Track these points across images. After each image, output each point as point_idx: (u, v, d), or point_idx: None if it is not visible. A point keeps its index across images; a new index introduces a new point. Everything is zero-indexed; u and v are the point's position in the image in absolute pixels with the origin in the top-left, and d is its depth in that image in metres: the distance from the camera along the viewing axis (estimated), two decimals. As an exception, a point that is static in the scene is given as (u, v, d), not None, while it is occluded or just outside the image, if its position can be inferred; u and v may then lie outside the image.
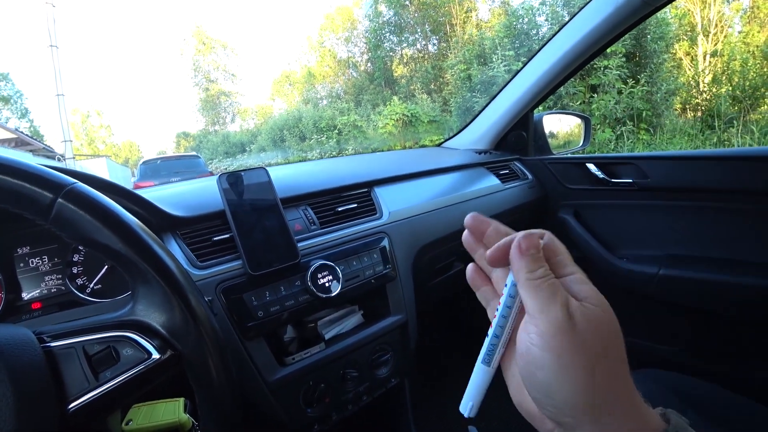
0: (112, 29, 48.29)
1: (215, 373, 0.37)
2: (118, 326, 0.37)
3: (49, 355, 0.34)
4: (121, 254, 0.36)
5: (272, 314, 0.68)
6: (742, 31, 9.31)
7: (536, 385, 0.25)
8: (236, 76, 30.06)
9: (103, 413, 0.36)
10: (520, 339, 0.27)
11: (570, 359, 0.24)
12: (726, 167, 1.02)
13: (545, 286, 0.26)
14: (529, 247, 0.28)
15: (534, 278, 0.27)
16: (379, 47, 18.70)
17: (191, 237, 0.70)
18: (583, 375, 0.24)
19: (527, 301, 0.26)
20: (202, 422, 0.39)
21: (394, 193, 0.97)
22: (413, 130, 11.20)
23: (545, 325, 0.25)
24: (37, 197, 0.34)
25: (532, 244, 0.28)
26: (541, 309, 0.25)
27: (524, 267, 0.27)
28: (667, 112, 7.51)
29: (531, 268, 0.27)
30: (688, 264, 1.08)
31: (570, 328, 0.24)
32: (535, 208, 1.33)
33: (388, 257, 0.84)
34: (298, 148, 14.18)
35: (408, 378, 0.96)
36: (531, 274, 0.27)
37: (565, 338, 0.24)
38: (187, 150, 27.39)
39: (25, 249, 0.64)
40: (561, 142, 1.58)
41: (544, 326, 0.25)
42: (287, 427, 0.73)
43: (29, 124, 22.08)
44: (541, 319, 0.25)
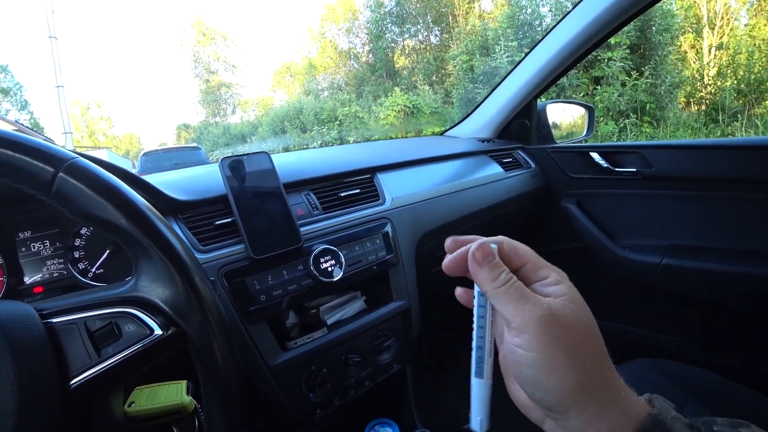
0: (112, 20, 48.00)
1: (218, 350, 0.37)
2: (120, 302, 0.36)
3: (51, 331, 0.34)
4: (123, 230, 0.35)
5: (275, 298, 0.68)
6: (749, 24, 9.20)
7: (526, 380, 0.27)
8: (237, 67, 29.90)
9: (105, 389, 0.36)
10: (504, 342, 0.28)
11: (551, 353, 0.25)
12: (731, 156, 1.01)
13: (512, 290, 0.27)
14: (484, 256, 0.29)
15: (498, 285, 0.28)
16: (380, 38, 18.57)
17: (194, 221, 0.70)
18: (565, 366, 0.25)
19: (500, 308, 0.28)
20: (205, 401, 0.39)
21: (397, 180, 0.97)
22: (415, 121, 11.16)
23: (522, 326, 0.26)
24: (38, 171, 0.34)
25: (486, 252, 0.29)
26: (515, 312, 0.27)
27: (486, 277, 0.28)
28: (671, 105, 7.47)
29: (492, 276, 0.28)
30: (691, 254, 1.08)
31: (545, 323, 0.26)
32: (537, 196, 1.33)
33: (390, 243, 0.83)
34: (300, 140, 14.14)
35: (410, 364, 0.96)
36: (494, 282, 0.28)
37: (543, 334, 0.26)
38: (187, 142, 27.33)
39: (27, 233, 0.64)
40: (564, 133, 1.57)
41: (521, 327, 0.26)
42: (289, 411, 0.73)
43: (29, 116, 22.01)
44: (516, 321, 0.27)
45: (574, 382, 0.25)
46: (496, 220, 1.18)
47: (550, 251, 1.44)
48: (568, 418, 0.26)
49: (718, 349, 1.12)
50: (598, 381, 0.26)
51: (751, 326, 1.05)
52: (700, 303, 1.10)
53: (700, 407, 0.72)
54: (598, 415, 0.26)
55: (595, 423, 0.26)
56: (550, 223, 1.40)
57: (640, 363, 0.83)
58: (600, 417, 0.26)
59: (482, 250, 0.29)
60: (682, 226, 1.12)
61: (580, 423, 0.26)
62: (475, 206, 1.08)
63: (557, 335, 0.26)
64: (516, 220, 1.32)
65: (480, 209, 1.09)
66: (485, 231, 1.18)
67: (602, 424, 0.26)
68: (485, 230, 1.17)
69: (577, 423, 0.26)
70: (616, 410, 0.26)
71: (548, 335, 0.26)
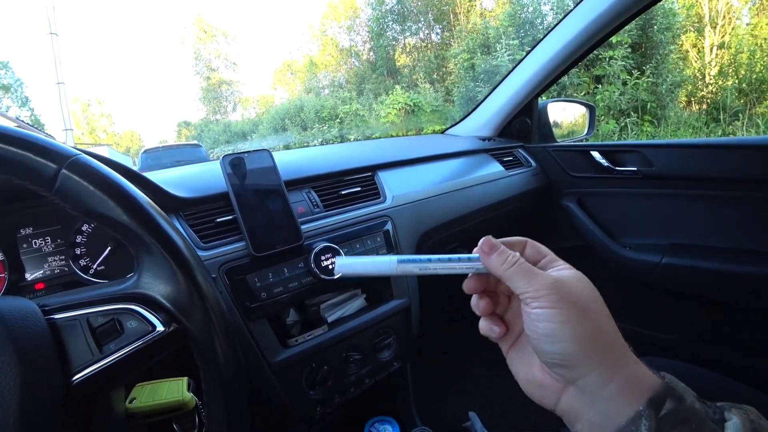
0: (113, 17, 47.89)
1: (220, 347, 0.37)
2: (122, 299, 0.36)
3: (53, 327, 0.34)
4: (125, 226, 0.35)
5: (275, 296, 0.68)
6: (750, 23, 9.17)
7: (543, 337, 0.29)
8: (237, 64, 29.85)
9: (107, 386, 0.36)
10: (524, 321, 0.31)
11: (564, 306, 0.28)
12: (732, 156, 1.01)
13: (521, 268, 0.31)
14: (491, 247, 0.33)
15: (510, 265, 0.31)
16: (381, 36, 18.53)
17: (195, 218, 0.70)
18: (577, 317, 0.28)
19: (514, 286, 0.31)
20: (206, 397, 0.39)
21: (398, 178, 0.97)
22: (416, 119, 11.14)
23: (535, 292, 0.29)
24: (41, 168, 0.34)
25: (492, 243, 0.33)
26: (527, 284, 0.30)
27: (497, 262, 0.32)
28: (672, 104, 7.44)
29: (502, 260, 0.32)
30: (691, 253, 1.08)
31: (556, 287, 0.29)
32: (538, 195, 1.33)
33: (391, 241, 0.83)
34: (300, 137, 14.12)
35: (410, 362, 0.96)
36: (505, 264, 0.31)
37: (554, 293, 0.29)
38: (188, 139, 27.27)
39: (28, 230, 0.64)
40: (565, 131, 1.57)
41: (534, 294, 0.29)
42: (290, 409, 0.73)
43: (30, 113, 21.95)
44: (530, 291, 0.30)
45: (588, 331, 0.28)
46: (496, 219, 1.18)
47: (551, 250, 1.44)
48: (585, 373, 0.28)
49: (719, 347, 1.12)
50: (610, 336, 0.29)
51: (751, 325, 1.06)
52: (700, 302, 1.10)
53: (700, 406, 0.72)
54: (614, 369, 0.28)
55: (612, 377, 0.28)
56: (550, 221, 1.40)
57: (642, 361, 0.84)
58: (617, 371, 0.28)
59: (487, 242, 0.33)
60: (683, 225, 1.12)
61: (597, 377, 0.28)
62: (476, 205, 1.08)
63: (567, 294, 0.29)
64: (516, 218, 1.32)
65: (480, 208, 1.09)
66: (486, 229, 1.18)
67: (619, 379, 0.28)
68: (486, 229, 1.16)
69: (595, 377, 0.28)
70: (629, 371, 0.28)
71: (559, 294, 0.29)
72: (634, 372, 0.28)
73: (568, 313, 0.28)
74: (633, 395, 0.27)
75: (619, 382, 0.27)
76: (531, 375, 0.33)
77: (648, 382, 0.28)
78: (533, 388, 0.33)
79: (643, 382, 0.28)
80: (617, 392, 0.27)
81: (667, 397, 0.27)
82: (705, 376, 0.81)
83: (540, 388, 0.32)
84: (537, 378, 0.32)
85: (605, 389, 0.27)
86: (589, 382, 0.28)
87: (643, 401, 0.27)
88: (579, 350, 0.28)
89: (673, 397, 0.27)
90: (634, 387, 0.27)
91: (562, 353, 0.28)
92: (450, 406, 1.32)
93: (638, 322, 1.26)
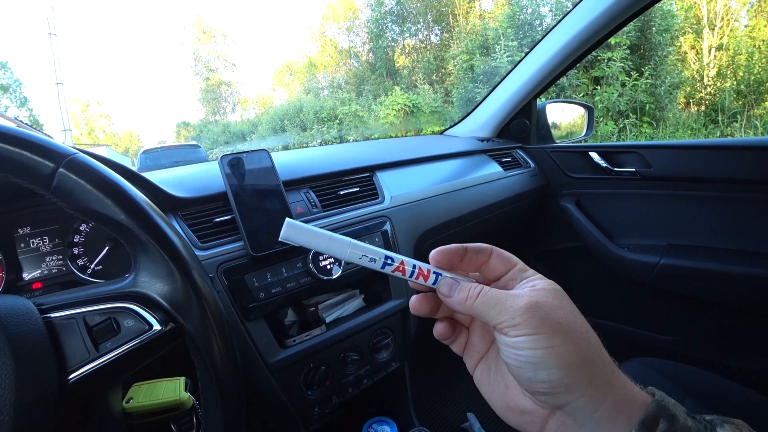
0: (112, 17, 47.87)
1: (216, 346, 0.37)
2: (119, 297, 0.36)
3: (50, 326, 0.34)
4: (122, 225, 0.35)
5: (273, 296, 0.68)
6: (749, 24, 9.19)
7: (527, 365, 0.26)
8: (237, 65, 29.83)
9: (104, 384, 0.36)
10: (501, 351, 0.28)
11: (547, 330, 0.26)
12: (729, 157, 1.01)
13: (488, 297, 0.28)
14: (448, 288, 0.30)
15: (474, 299, 0.29)
16: (380, 37, 18.53)
17: (193, 218, 0.70)
18: (562, 340, 0.26)
19: (487, 318, 0.28)
20: (202, 397, 0.39)
21: (396, 178, 0.97)
22: (415, 120, 11.15)
23: (510, 319, 0.27)
24: (38, 167, 0.34)
25: (448, 284, 0.31)
26: (500, 312, 0.27)
27: (461, 300, 0.29)
28: (671, 105, 7.46)
29: (464, 296, 0.29)
30: (689, 254, 1.08)
31: (532, 309, 0.26)
32: (537, 196, 1.33)
33: (389, 241, 0.83)
34: (299, 138, 14.12)
35: (408, 363, 0.96)
36: (469, 299, 0.29)
37: (533, 317, 0.26)
38: (187, 140, 27.22)
39: (26, 229, 0.64)
40: (564, 132, 1.57)
41: (510, 321, 0.27)
42: (288, 409, 0.73)
43: (29, 113, 21.88)
44: (504, 318, 0.27)
45: (576, 355, 0.26)
46: (495, 219, 1.18)
47: (549, 250, 1.44)
48: (574, 399, 0.26)
49: (716, 348, 1.12)
50: (597, 356, 0.27)
51: (748, 325, 1.06)
52: (697, 302, 1.10)
53: (698, 406, 0.72)
54: (604, 392, 0.26)
55: (602, 401, 0.26)
56: (549, 222, 1.41)
57: (638, 362, 0.84)
58: (607, 393, 0.26)
59: (445, 284, 0.31)
60: (681, 226, 1.12)
61: (586, 402, 0.26)
62: (475, 205, 1.08)
63: (547, 316, 0.26)
64: (515, 219, 1.32)
65: (479, 208, 1.09)
66: (484, 230, 1.19)
67: (609, 401, 0.26)
68: (484, 229, 1.17)
69: (584, 402, 0.26)
70: (620, 391, 0.26)
71: (538, 317, 0.26)
72: (624, 392, 0.27)
73: (552, 338, 0.26)
74: (624, 417, 0.26)
75: (609, 404, 0.26)
76: (509, 400, 0.30)
77: (638, 401, 0.27)
78: (513, 414, 0.30)
79: (634, 402, 0.26)
80: (608, 416, 0.26)
81: (660, 417, 0.26)
82: (702, 376, 0.81)
83: (522, 414, 0.29)
84: (518, 404, 0.30)
85: (596, 414, 0.26)
86: (579, 408, 0.26)
87: (635, 423, 0.25)
88: (567, 376, 0.26)
89: (665, 417, 0.26)
90: (625, 408, 0.26)
91: (548, 381, 0.26)
92: (448, 406, 1.32)
93: (636, 323, 1.26)
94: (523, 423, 0.29)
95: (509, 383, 0.30)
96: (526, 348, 0.26)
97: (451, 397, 1.33)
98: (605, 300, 1.34)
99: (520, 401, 0.29)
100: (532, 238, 1.46)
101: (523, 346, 0.26)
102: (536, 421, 0.29)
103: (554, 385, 0.26)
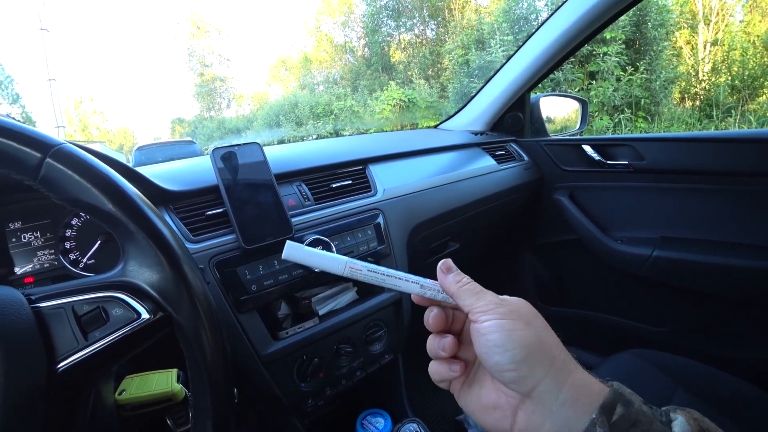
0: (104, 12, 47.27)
1: (205, 335, 0.37)
2: (107, 287, 0.36)
3: (38, 315, 0.34)
4: (109, 214, 0.35)
5: (266, 288, 0.68)
6: (744, 20, 9.21)
7: (494, 347, 0.30)
8: (231, 60, 29.58)
9: (93, 373, 0.36)
10: (473, 331, 0.32)
11: (511, 318, 0.31)
12: (722, 149, 1.02)
13: (472, 287, 0.34)
14: (448, 268, 0.35)
15: (462, 285, 0.34)
16: (376, 32, 18.43)
17: (185, 211, 0.70)
18: (524, 326, 0.30)
19: (464, 303, 0.33)
20: (192, 386, 0.39)
21: (389, 171, 0.97)
22: (410, 115, 11.11)
23: (483, 308, 0.32)
24: (24, 157, 0.34)
25: (449, 265, 0.36)
26: (476, 301, 0.33)
27: (453, 279, 0.35)
28: (666, 100, 7.48)
29: (456, 280, 0.34)
30: (682, 246, 1.09)
31: (502, 304, 0.32)
32: (530, 189, 1.34)
33: (382, 234, 0.84)
34: (295, 134, 14.05)
35: (402, 354, 0.97)
36: (459, 283, 0.34)
37: (501, 308, 0.31)
38: (182, 136, 27.00)
39: (17, 224, 0.64)
40: (558, 126, 1.58)
41: (482, 309, 0.32)
42: (281, 401, 0.73)
43: (21, 110, 21.61)
44: (479, 306, 0.32)
45: (534, 338, 0.30)
46: (488, 213, 1.18)
47: (543, 244, 1.45)
48: (538, 381, 0.29)
49: (708, 339, 1.13)
50: (555, 343, 0.31)
51: (740, 317, 1.07)
52: (690, 294, 1.11)
53: (689, 396, 0.73)
54: (564, 373, 0.29)
55: (564, 382, 0.29)
56: (542, 215, 1.41)
57: (631, 354, 0.85)
58: (567, 375, 0.29)
59: (446, 264, 0.36)
60: (673, 219, 1.13)
61: (550, 383, 0.29)
62: (468, 198, 1.08)
63: (512, 309, 0.32)
64: (508, 212, 1.33)
65: (472, 201, 1.10)
66: (477, 223, 1.19)
67: (570, 384, 0.29)
68: (477, 222, 1.17)
69: (548, 384, 0.29)
70: (578, 376, 0.30)
71: (506, 309, 0.31)
72: (582, 378, 0.30)
73: (514, 323, 0.30)
74: (585, 401, 0.28)
75: (570, 387, 0.29)
76: (484, 398, 0.34)
77: (596, 387, 0.29)
78: (487, 412, 0.33)
79: (592, 388, 0.29)
80: (571, 399, 0.28)
81: (617, 402, 0.28)
82: (694, 367, 0.82)
83: (494, 409, 0.32)
84: (490, 400, 0.33)
85: (560, 396, 0.29)
86: (544, 391, 0.29)
87: (596, 407, 0.28)
88: (529, 355, 0.29)
89: (622, 402, 0.28)
90: (585, 393, 0.29)
91: (512, 361, 0.29)
92: (443, 398, 1.33)
93: (629, 315, 1.27)
94: (496, 421, 0.32)
95: (483, 385, 0.34)
96: (494, 331, 0.30)
97: (446, 390, 1.34)
98: (599, 292, 1.35)
99: (493, 396, 0.33)
100: (526, 231, 1.47)
101: (491, 330, 0.31)
102: (507, 415, 0.31)
103: (519, 365, 0.29)
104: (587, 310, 1.35)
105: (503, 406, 0.32)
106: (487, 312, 0.31)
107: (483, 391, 0.34)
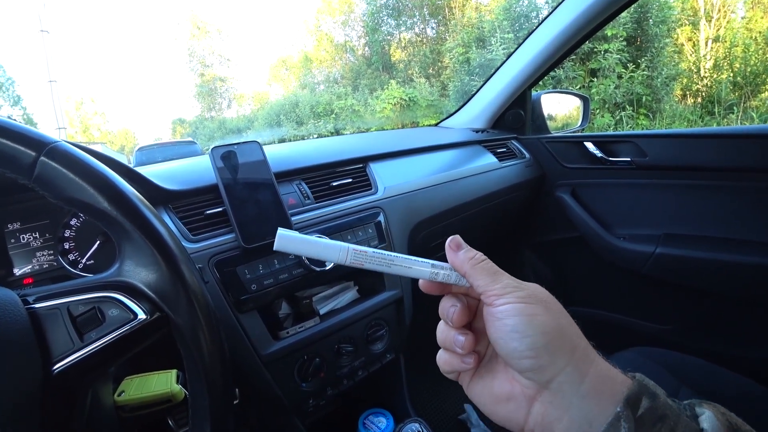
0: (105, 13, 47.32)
1: (203, 335, 0.36)
2: (103, 287, 0.36)
3: (34, 317, 0.33)
4: (105, 213, 0.35)
5: (266, 287, 0.68)
6: (745, 16, 9.17)
7: (513, 334, 0.28)
8: (231, 60, 29.58)
9: (90, 375, 0.35)
10: (488, 315, 0.30)
11: (530, 302, 0.28)
12: (724, 145, 1.01)
13: (487, 266, 0.31)
14: (458, 244, 0.32)
15: (476, 262, 0.31)
16: (376, 31, 18.41)
17: (184, 211, 0.69)
18: (544, 311, 0.28)
19: (478, 284, 0.30)
20: (190, 386, 0.39)
21: (390, 169, 0.96)
22: (411, 114, 11.10)
23: (500, 290, 0.29)
24: (19, 155, 0.33)
25: (459, 242, 0.32)
26: (492, 282, 0.30)
27: (464, 258, 0.31)
28: (667, 97, 7.45)
29: (469, 257, 0.31)
30: (684, 243, 1.08)
31: (519, 287, 0.29)
32: (532, 186, 1.33)
33: (383, 232, 0.83)
34: (296, 133, 14.04)
35: (403, 354, 0.96)
36: (472, 260, 0.31)
37: (519, 292, 0.29)
38: (183, 136, 27.00)
39: (16, 225, 0.64)
40: (559, 124, 1.57)
41: (499, 292, 0.29)
42: (282, 401, 0.73)
43: (22, 112, 21.66)
44: (495, 288, 0.29)
45: (555, 323, 0.28)
46: (490, 210, 1.18)
47: (545, 241, 1.44)
48: (558, 371, 0.27)
49: (711, 337, 1.13)
50: (574, 331, 0.29)
51: (743, 314, 1.06)
52: (693, 292, 1.11)
53: (693, 394, 0.72)
54: (586, 363, 0.27)
55: (586, 372, 0.27)
56: (544, 213, 1.40)
57: (634, 351, 0.84)
58: (588, 365, 0.27)
59: (455, 239, 0.32)
60: (676, 216, 1.12)
61: (570, 373, 0.27)
62: (469, 196, 1.08)
63: (531, 293, 0.29)
64: (510, 210, 1.32)
65: (474, 199, 1.09)
66: (479, 221, 1.18)
67: (592, 375, 0.27)
68: (479, 220, 1.17)
69: (569, 374, 0.27)
70: (600, 366, 0.27)
71: (525, 293, 0.29)
72: (604, 369, 0.28)
73: (534, 308, 0.28)
74: (608, 393, 0.26)
75: (592, 378, 0.26)
76: (496, 389, 0.31)
77: (619, 378, 0.27)
78: (499, 403, 0.31)
79: (615, 378, 0.27)
80: (593, 391, 0.26)
81: (642, 394, 0.26)
82: (697, 365, 0.81)
83: (507, 401, 0.30)
84: (503, 391, 0.30)
85: (581, 387, 0.26)
86: (564, 381, 0.27)
87: (620, 400, 0.26)
88: (549, 342, 0.27)
89: (647, 395, 0.26)
90: (608, 384, 0.27)
91: (532, 347, 0.27)
92: (445, 398, 1.32)
93: (632, 312, 1.26)
94: (508, 413, 0.30)
95: (496, 376, 0.31)
96: (512, 315, 0.28)
97: (448, 389, 1.34)
98: (601, 290, 1.34)
99: (507, 387, 0.30)
100: (528, 228, 1.46)
101: (510, 314, 0.28)
102: (521, 406, 0.29)
103: (539, 353, 0.27)
104: (589, 308, 1.35)
105: (517, 397, 0.29)
106: (504, 295, 0.29)
107: (495, 381, 0.31)
